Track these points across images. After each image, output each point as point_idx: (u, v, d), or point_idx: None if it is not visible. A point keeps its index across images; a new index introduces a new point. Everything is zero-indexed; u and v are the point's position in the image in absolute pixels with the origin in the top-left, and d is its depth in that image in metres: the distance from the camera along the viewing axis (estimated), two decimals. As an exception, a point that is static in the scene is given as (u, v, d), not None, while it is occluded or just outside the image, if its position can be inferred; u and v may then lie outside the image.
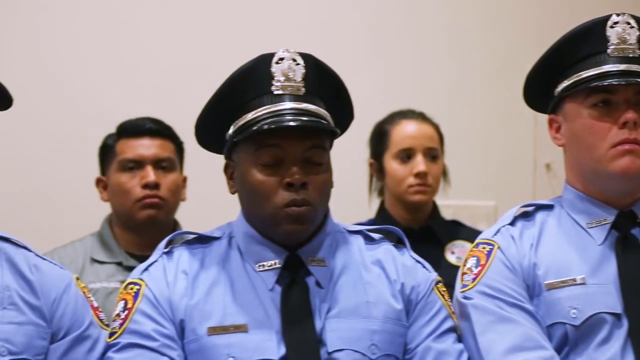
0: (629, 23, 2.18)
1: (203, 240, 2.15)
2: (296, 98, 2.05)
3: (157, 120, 3.04)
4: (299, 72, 2.07)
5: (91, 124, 3.61)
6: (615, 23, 2.18)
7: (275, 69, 2.06)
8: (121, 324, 2.04)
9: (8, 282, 2.02)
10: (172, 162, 3.00)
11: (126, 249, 2.99)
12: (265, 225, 2.07)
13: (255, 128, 2.03)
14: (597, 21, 2.19)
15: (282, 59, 2.07)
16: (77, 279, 2.11)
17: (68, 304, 2.04)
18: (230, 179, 2.13)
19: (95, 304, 2.11)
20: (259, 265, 2.08)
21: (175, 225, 3.03)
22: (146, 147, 2.97)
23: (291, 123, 2.02)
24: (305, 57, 2.09)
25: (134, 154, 2.97)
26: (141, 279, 2.09)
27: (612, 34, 2.17)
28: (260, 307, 2.05)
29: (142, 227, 2.96)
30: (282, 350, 2.01)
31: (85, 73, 3.85)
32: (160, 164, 2.97)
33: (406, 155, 3.13)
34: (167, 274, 2.09)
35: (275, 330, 2.03)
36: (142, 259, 2.88)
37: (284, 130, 2.02)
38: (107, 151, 3.03)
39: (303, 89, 2.06)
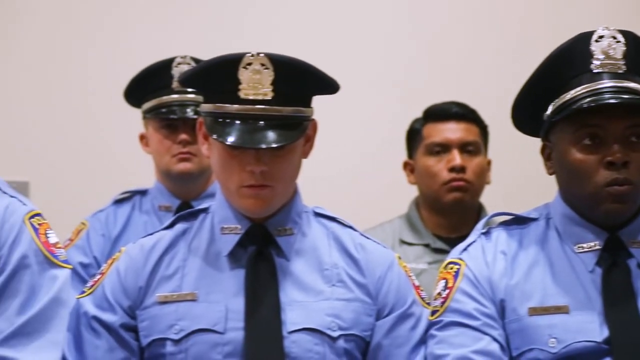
0: None
1: (520, 221, 2.16)
2: (616, 76, 2.02)
3: (463, 104, 3.07)
4: (619, 49, 2.03)
5: (396, 109, 3.71)
6: None
7: (594, 47, 2.04)
8: (442, 303, 2.08)
9: (336, 260, 2.09)
10: (477, 146, 3.02)
11: (433, 231, 3.05)
12: (585, 205, 2.05)
13: (574, 107, 2.01)
14: None
15: (601, 36, 2.04)
16: (399, 258, 2.16)
17: (392, 282, 2.09)
18: (548, 160, 2.12)
19: (417, 283, 2.14)
20: (578, 247, 2.07)
21: (480, 209, 3.06)
22: (452, 131, 3.01)
23: (612, 101, 1.99)
24: (626, 34, 2.05)
25: (440, 137, 3.02)
26: (461, 259, 2.12)
27: None
28: (581, 289, 2.04)
29: (448, 209, 3.01)
30: (605, 333, 1.99)
31: (395, 57, 3.97)
32: (466, 148, 3.01)
33: None
34: (486, 254, 2.11)
35: (597, 312, 2.01)
36: (448, 241, 2.97)
37: (604, 108, 2.00)
38: (414, 135, 3.09)
39: (623, 67, 2.03)
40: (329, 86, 2.10)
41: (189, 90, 2.92)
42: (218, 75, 2.03)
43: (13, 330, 1.99)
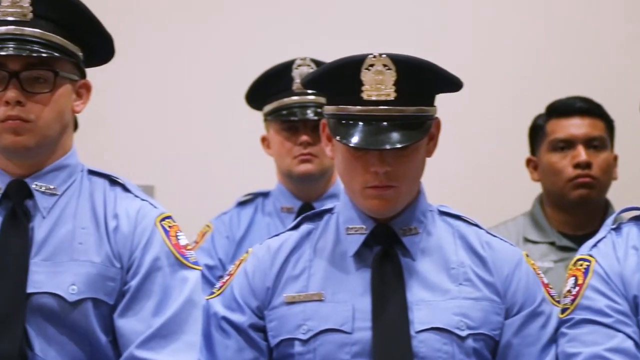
0: None
1: (652, 216, 2.12)
2: None
3: (588, 99, 3.02)
4: None
5: (518, 105, 3.67)
6: None
7: None
8: (573, 300, 2.04)
9: (462, 258, 2.08)
10: (603, 141, 2.97)
11: (558, 228, 3.00)
12: None
13: None
14: None
15: None
16: (527, 255, 2.13)
17: (520, 280, 2.06)
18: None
19: (546, 281, 2.11)
20: None
21: (607, 205, 3.00)
22: (577, 126, 2.96)
23: None
24: None
25: (565, 133, 2.96)
26: (590, 255, 2.08)
27: None
28: None
29: (574, 206, 2.96)
30: None
31: (517, 51, 3.95)
32: (591, 143, 2.95)
33: None
34: (617, 249, 2.06)
35: None
36: (574, 238, 2.91)
37: None
38: (537, 131, 3.04)
39: None
40: (452, 84, 2.08)
41: (309, 91, 2.94)
42: (341, 77, 2.03)
43: (151, 333, 2.03)
